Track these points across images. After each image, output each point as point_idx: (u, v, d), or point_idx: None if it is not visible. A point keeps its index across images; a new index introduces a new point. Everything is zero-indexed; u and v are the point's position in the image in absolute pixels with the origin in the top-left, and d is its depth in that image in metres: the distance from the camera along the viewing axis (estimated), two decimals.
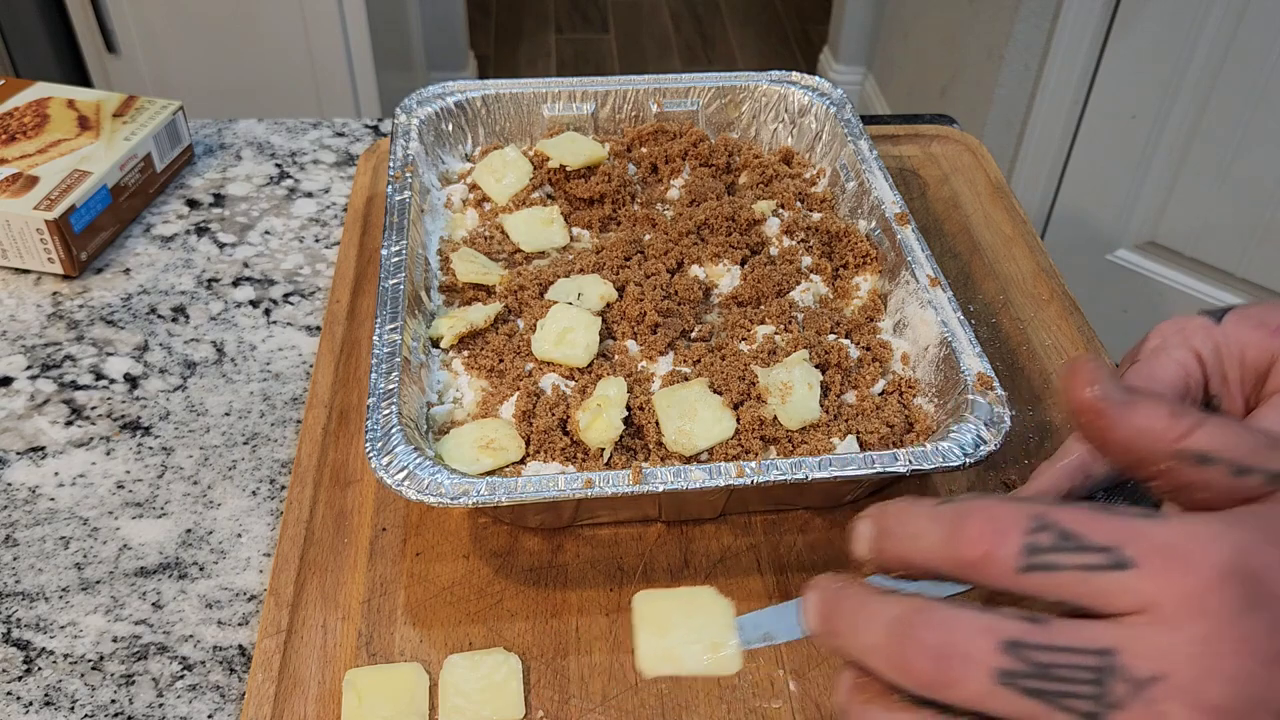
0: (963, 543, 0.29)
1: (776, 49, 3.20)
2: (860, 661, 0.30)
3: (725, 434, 0.56)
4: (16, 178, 0.75)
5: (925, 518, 0.31)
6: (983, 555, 0.29)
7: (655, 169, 0.77)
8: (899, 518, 0.32)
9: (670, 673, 0.38)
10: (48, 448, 0.64)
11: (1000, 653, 0.27)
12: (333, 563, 0.56)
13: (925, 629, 0.28)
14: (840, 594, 0.31)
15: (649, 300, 0.63)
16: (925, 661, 0.28)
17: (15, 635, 0.55)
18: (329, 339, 0.69)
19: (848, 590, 0.31)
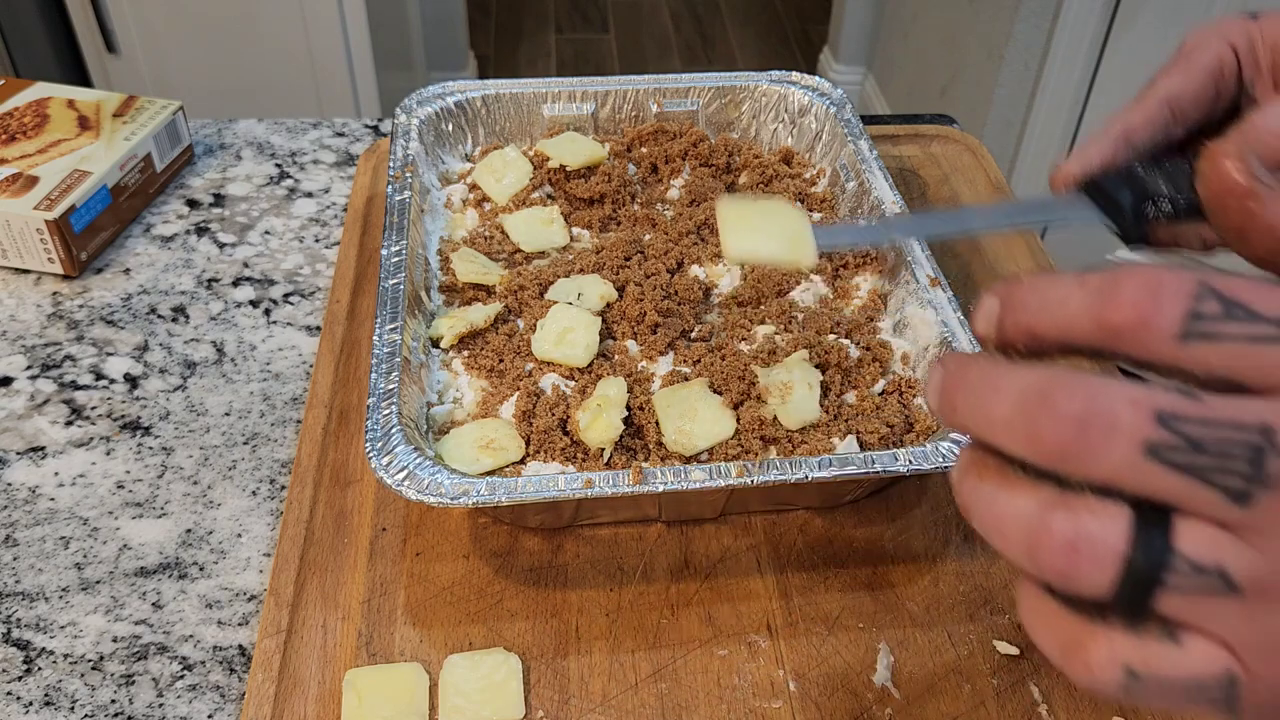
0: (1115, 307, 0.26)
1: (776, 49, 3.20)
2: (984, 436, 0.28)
3: (725, 434, 0.56)
4: (16, 178, 0.75)
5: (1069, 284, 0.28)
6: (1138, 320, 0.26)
7: (655, 169, 0.77)
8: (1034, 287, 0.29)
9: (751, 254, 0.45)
10: (48, 448, 0.64)
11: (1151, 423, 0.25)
12: (333, 563, 0.56)
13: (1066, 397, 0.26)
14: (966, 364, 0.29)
15: (649, 300, 0.63)
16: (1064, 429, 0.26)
17: (15, 635, 0.55)
18: (329, 339, 0.69)
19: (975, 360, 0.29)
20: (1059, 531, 0.26)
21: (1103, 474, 0.26)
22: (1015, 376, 0.27)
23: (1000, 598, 0.56)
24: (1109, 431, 0.25)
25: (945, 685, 0.52)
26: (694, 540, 0.58)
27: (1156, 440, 0.25)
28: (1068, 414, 0.26)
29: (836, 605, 0.55)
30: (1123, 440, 0.25)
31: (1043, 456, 0.27)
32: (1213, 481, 0.25)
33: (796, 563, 0.57)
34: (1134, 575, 0.26)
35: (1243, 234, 0.31)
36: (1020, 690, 0.52)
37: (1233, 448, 0.25)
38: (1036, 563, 0.27)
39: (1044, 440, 0.26)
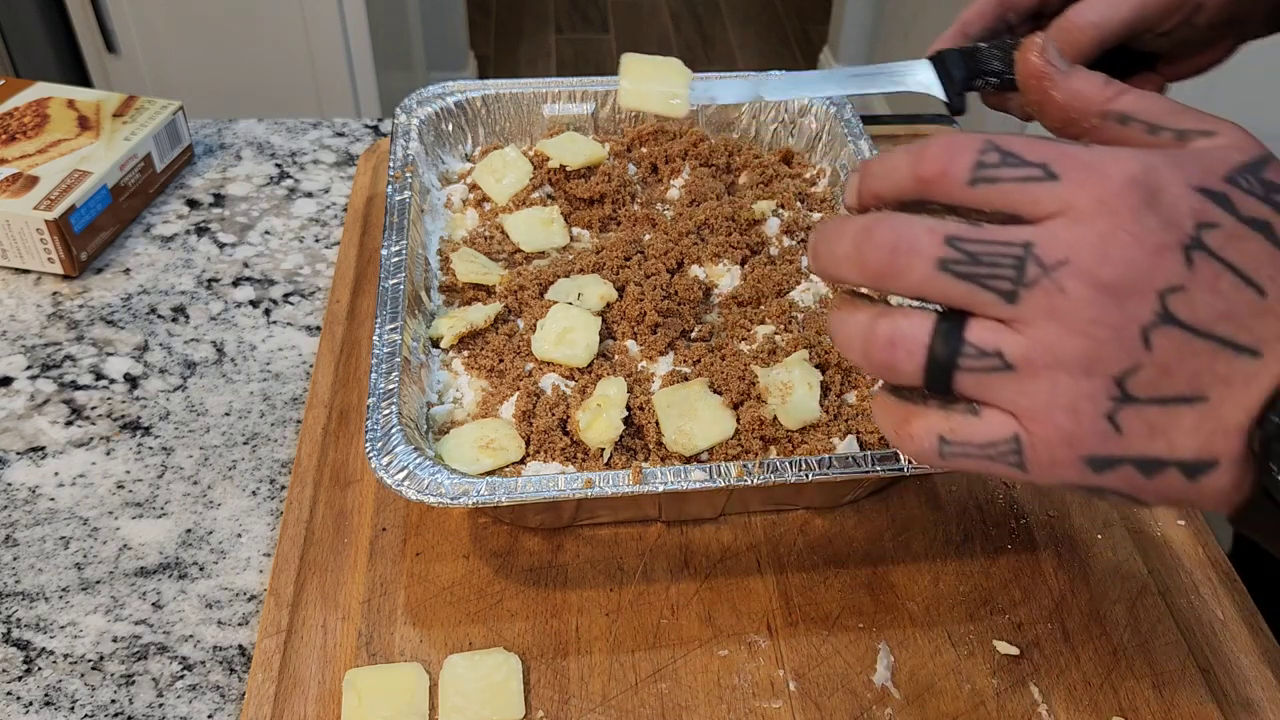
0: (923, 163, 0.35)
1: (776, 49, 3.20)
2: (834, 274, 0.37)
3: (725, 434, 0.56)
4: (16, 178, 0.75)
5: (897, 153, 0.37)
6: (940, 172, 0.35)
7: (655, 169, 0.77)
8: (879, 160, 0.38)
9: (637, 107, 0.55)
10: (48, 448, 0.64)
11: (941, 244, 0.34)
12: (333, 563, 0.56)
13: (882, 231, 0.35)
14: (824, 223, 0.38)
15: (649, 300, 0.63)
16: (881, 254, 0.35)
17: (15, 635, 0.55)
18: (329, 339, 0.69)
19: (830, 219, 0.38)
20: (882, 332, 0.36)
21: (911, 286, 0.34)
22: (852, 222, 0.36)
23: (1000, 598, 0.56)
24: (912, 253, 0.34)
25: (945, 685, 0.52)
26: (694, 540, 0.58)
27: (946, 257, 0.34)
28: (883, 242, 0.35)
29: (836, 605, 0.55)
30: (922, 259, 0.34)
31: (869, 278, 0.35)
32: (988, 286, 0.33)
33: (796, 563, 0.57)
34: (936, 361, 0.35)
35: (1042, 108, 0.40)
36: (1020, 690, 0.52)
37: (1002, 259, 0.33)
38: (869, 359, 0.36)
39: (868, 264, 0.35)
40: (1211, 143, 0.36)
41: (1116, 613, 0.56)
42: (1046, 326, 0.33)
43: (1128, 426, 0.34)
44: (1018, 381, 0.34)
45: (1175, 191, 0.33)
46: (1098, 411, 0.33)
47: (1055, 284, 0.33)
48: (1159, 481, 0.35)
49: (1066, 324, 0.33)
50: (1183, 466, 0.34)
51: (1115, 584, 0.57)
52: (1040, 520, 0.60)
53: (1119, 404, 0.33)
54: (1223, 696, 0.52)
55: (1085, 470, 0.35)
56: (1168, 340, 0.33)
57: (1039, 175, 0.34)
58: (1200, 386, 0.33)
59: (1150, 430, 0.34)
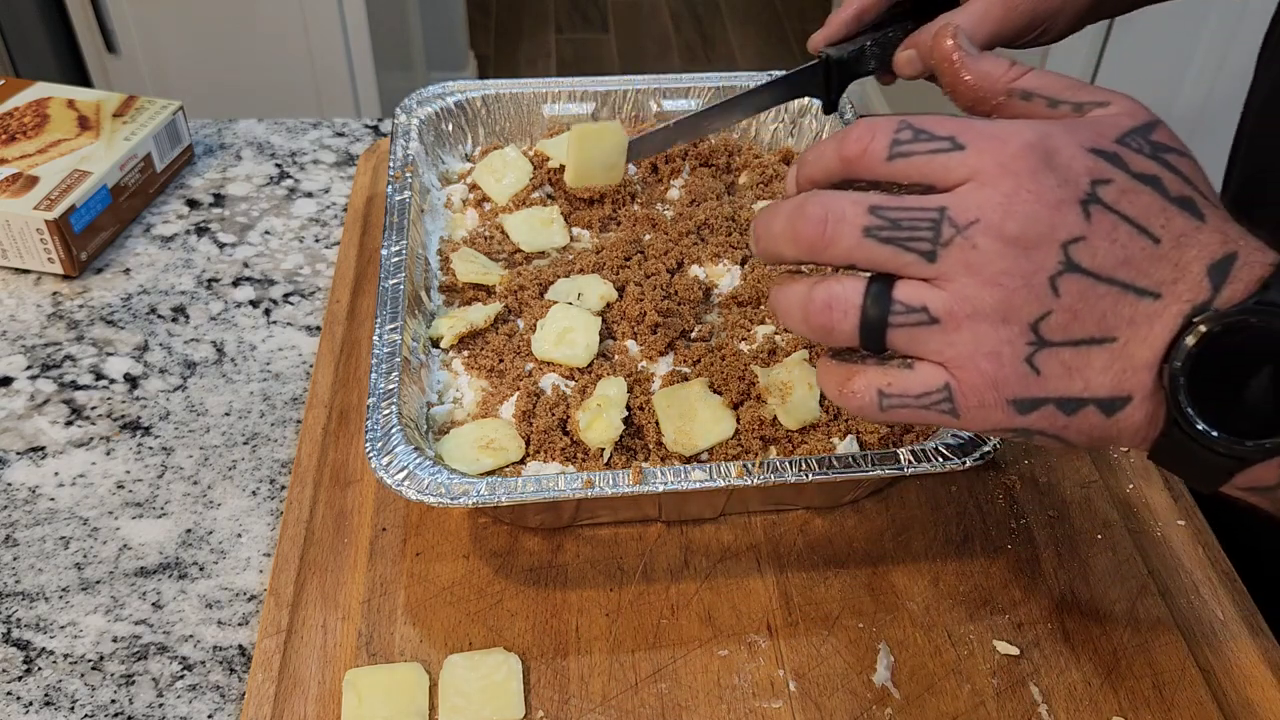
0: (847, 145, 0.39)
1: (776, 49, 3.20)
2: (773, 251, 0.40)
3: (725, 434, 0.56)
4: (16, 178, 0.75)
5: (826, 140, 0.40)
6: (861, 151, 0.39)
7: (655, 169, 0.77)
8: (813, 149, 0.41)
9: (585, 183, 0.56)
10: (48, 448, 0.64)
11: (866, 213, 0.37)
12: (333, 563, 0.56)
13: (812, 205, 0.38)
14: (763, 209, 0.41)
15: (649, 300, 0.63)
16: (812, 226, 0.38)
17: (15, 635, 0.55)
18: (329, 339, 0.69)
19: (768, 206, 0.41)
20: (819, 297, 0.39)
21: (841, 254, 0.38)
22: (787, 202, 0.40)
23: (1000, 598, 0.56)
24: (840, 222, 0.38)
25: (945, 685, 0.52)
26: (694, 540, 0.58)
27: (870, 224, 0.37)
28: (813, 215, 0.38)
29: (836, 605, 0.55)
30: (849, 226, 0.38)
31: (803, 250, 0.39)
32: (910, 248, 0.37)
33: (796, 563, 0.57)
34: (869, 319, 0.38)
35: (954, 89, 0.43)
36: (1020, 690, 0.52)
37: (920, 223, 0.37)
38: (809, 323, 0.39)
39: (801, 237, 0.39)
40: (1105, 111, 0.40)
41: (1116, 613, 0.56)
42: (964, 281, 0.37)
43: (1046, 368, 0.37)
44: (943, 333, 0.37)
45: (1070, 153, 0.37)
46: (1017, 356, 0.37)
47: (968, 241, 0.36)
48: (1080, 420, 0.38)
49: (981, 277, 0.36)
50: (1100, 403, 0.37)
51: (1115, 584, 0.57)
52: (1040, 520, 0.60)
53: (1036, 348, 0.37)
54: (1223, 696, 0.52)
55: (1011, 412, 0.38)
56: (1073, 286, 0.36)
57: (948, 146, 0.37)
58: (1108, 328, 0.37)
59: (1067, 371, 0.37)
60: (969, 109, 0.44)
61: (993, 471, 0.63)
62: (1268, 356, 0.35)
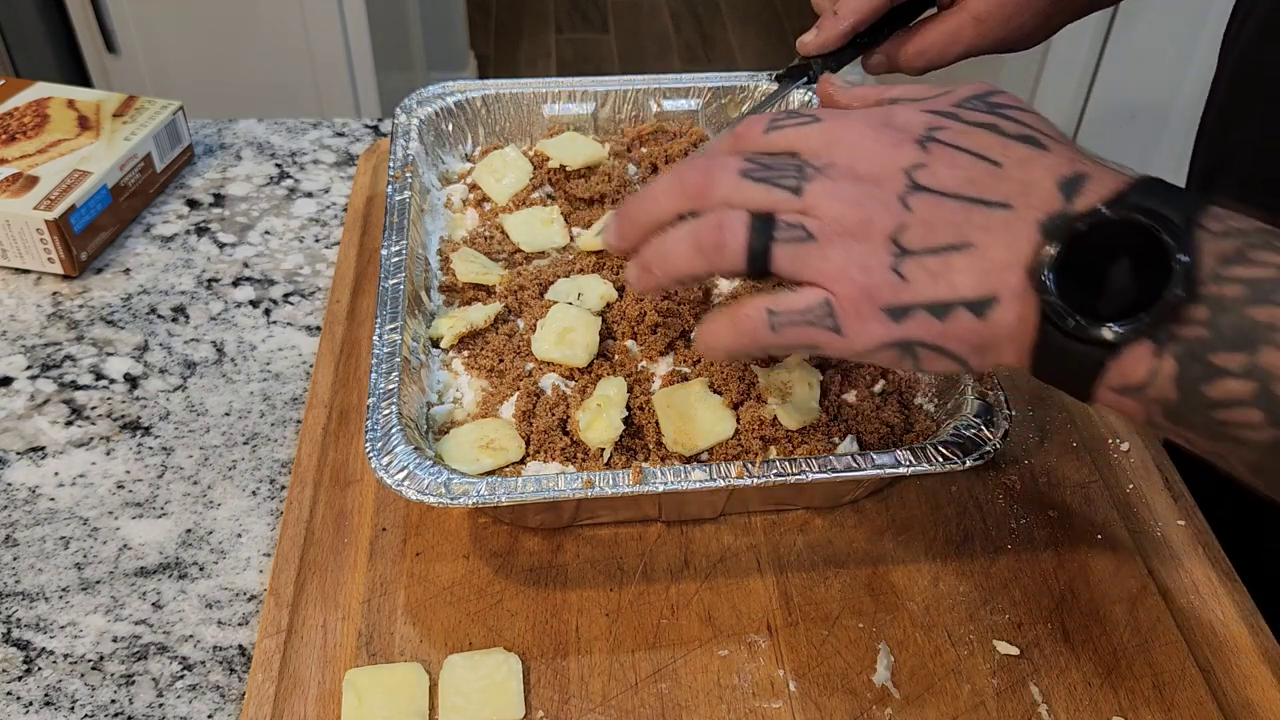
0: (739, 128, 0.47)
1: (776, 49, 3.20)
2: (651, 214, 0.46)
3: (725, 434, 0.56)
4: (16, 178, 0.75)
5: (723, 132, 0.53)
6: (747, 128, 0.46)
7: (655, 169, 0.77)
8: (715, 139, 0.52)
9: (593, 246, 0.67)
10: (48, 448, 0.64)
11: (741, 161, 0.44)
12: (333, 563, 0.56)
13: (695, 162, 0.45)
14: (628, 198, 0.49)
15: (649, 300, 0.63)
16: (696, 175, 0.44)
17: (15, 635, 0.55)
18: (329, 339, 0.69)
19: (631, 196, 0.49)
20: (708, 221, 0.43)
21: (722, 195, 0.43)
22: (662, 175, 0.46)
23: (1000, 598, 0.56)
24: (722, 170, 0.44)
25: (945, 685, 0.52)
26: (694, 540, 0.58)
27: (745, 169, 0.44)
28: (697, 166, 0.45)
29: (836, 605, 0.55)
30: (728, 172, 0.44)
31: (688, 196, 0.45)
32: (780, 184, 0.43)
33: (796, 563, 0.57)
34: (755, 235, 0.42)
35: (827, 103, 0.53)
36: (1020, 690, 0.52)
37: (785, 165, 0.43)
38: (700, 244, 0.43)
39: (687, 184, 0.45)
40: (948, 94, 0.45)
41: (1116, 613, 0.56)
42: (829, 204, 0.42)
43: (912, 275, 0.41)
44: (819, 250, 0.42)
45: (907, 114, 0.44)
46: (884, 265, 0.41)
47: (827, 177, 0.42)
48: (953, 324, 0.41)
49: (842, 200, 0.42)
50: (968, 305, 0.40)
51: (1115, 584, 0.57)
52: (1040, 520, 0.60)
53: (899, 258, 0.41)
54: (1223, 696, 0.52)
55: (887, 321, 0.41)
56: (923, 202, 0.41)
57: (809, 120, 0.45)
58: (963, 236, 0.40)
59: (931, 276, 0.41)
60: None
61: (993, 471, 0.63)
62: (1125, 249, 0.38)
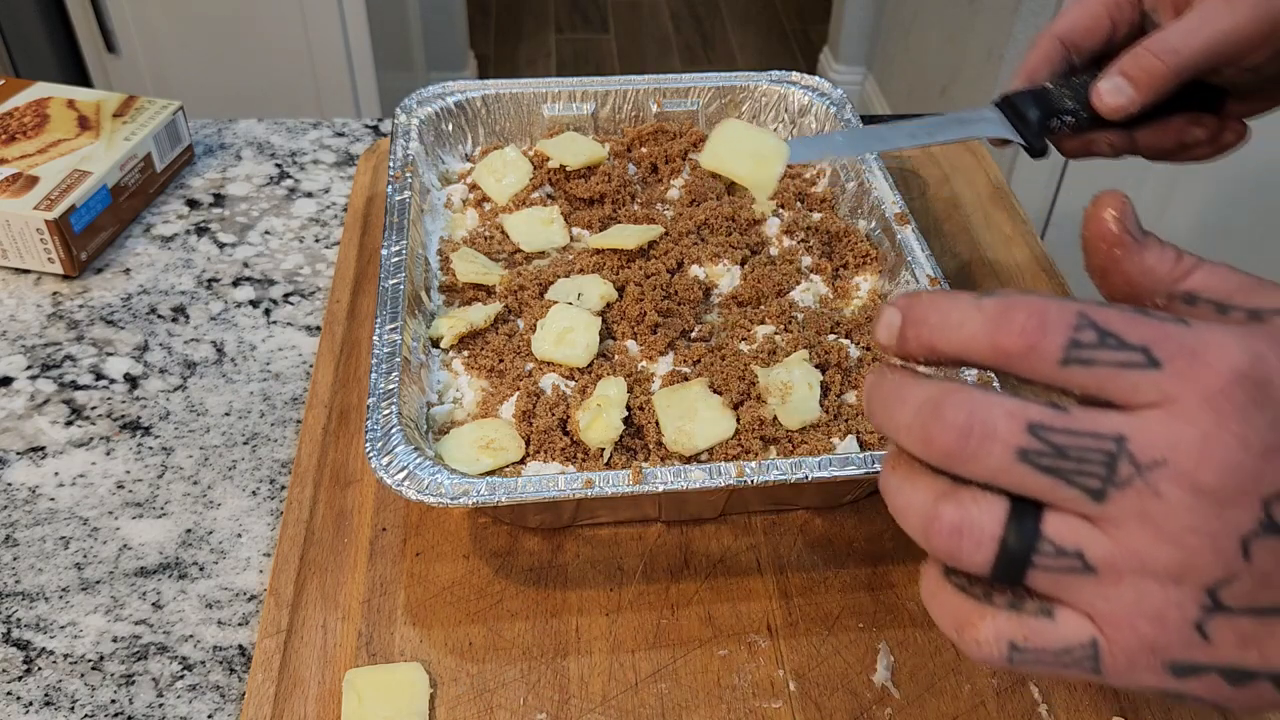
0: (1008, 333, 0.31)
1: (776, 49, 3.20)
2: (893, 438, 0.34)
3: (725, 434, 0.56)
4: (16, 178, 0.75)
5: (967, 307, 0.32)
6: (1027, 347, 0.31)
7: (655, 169, 0.77)
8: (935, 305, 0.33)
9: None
10: (48, 448, 0.64)
11: (1023, 432, 0.30)
12: (333, 563, 0.56)
13: (953, 408, 0.31)
14: (883, 374, 0.34)
15: (649, 300, 0.63)
16: (951, 436, 0.31)
17: (15, 635, 0.55)
18: (329, 339, 0.69)
19: (889, 372, 0.34)
20: (947, 518, 0.32)
21: (983, 473, 0.31)
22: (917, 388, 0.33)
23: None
24: (987, 439, 0.30)
25: (945, 685, 0.52)
26: (694, 540, 0.58)
27: (1027, 447, 0.30)
28: (953, 423, 0.31)
29: (836, 605, 0.55)
30: (999, 446, 0.30)
31: (934, 457, 0.32)
32: (1074, 482, 0.30)
33: (796, 563, 0.57)
34: (1008, 554, 0.31)
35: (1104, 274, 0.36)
36: (1020, 690, 0.52)
37: (1091, 454, 0.30)
38: (930, 543, 0.32)
39: (934, 444, 0.32)
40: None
41: None
42: (1136, 531, 0.30)
43: (1217, 636, 0.31)
44: (1099, 585, 0.31)
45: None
46: (1185, 620, 0.31)
47: (1150, 486, 0.30)
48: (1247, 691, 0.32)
49: (1159, 530, 0.30)
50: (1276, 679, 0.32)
51: None
52: None
53: (1209, 613, 0.31)
54: None
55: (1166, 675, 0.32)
56: (1269, 551, 0.30)
57: (1140, 361, 0.30)
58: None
59: (1242, 641, 0.31)
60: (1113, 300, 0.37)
61: None
62: None
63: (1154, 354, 0.30)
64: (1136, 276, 0.36)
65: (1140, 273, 0.35)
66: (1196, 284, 0.35)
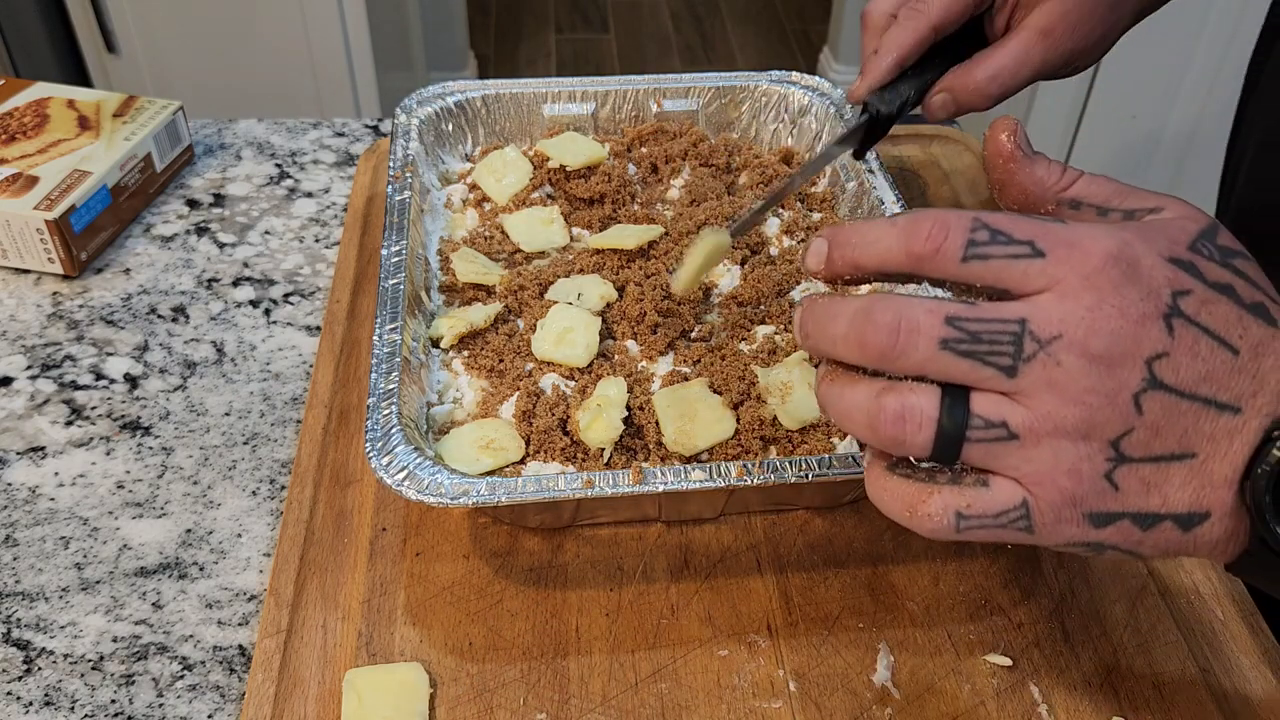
0: (917, 240, 0.37)
1: (776, 49, 3.20)
2: (829, 352, 0.38)
3: (725, 434, 0.56)
4: (16, 178, 0.75)
5: (882, 225, 0.38)
6: (934, 250, 0.36)
7: (655, 169, 0.77)
8: (856, 229, 0.39)
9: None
10: (48, 448, 0.64)
11: (942, 324, 0.35)
12: (333, 563, 0.56)
13: (881, 312, 0.36)
14: (813, 301, 0.39)
15: (649, 300, 0.63)
16: (882, 335, 0.36)
17: (15, 635, 0.55)
18: (329, 339, 0.69)
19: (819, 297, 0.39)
20: (890, 407, 0.36)
21: (914, 365, 0.36)
22: (848, 303, 0.37)
23: (1000, 598, 0.56)
24: (913, 333, 0.35)
25: (945, 685, 0.52)
26: (694, 540, 0.58)
27: (947, 336, 0.35)
28: (884, 323, 0.36)
29: (836, 605, 0.55)
30: (924, 339, 0.35)
31: (869, 358, 0.37)
32: (989, 362, 0.35)
33: (796, 563, 0.57)
34: (945, 434, 0.36)
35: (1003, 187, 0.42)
36: (1020, 690, 0.52)
37: (1000, 336, 0.35)
38: (876, 434, 0.37)
39: (869, 345, 0.36)
40: (1165, 217, 0.39)
41: (1116, 613, 0.56)
42: (1046, 397, 0.35)
43: (1125, 484, 0.36)
44: (1022, 449, 0.36)
45: (1149, 263, 0.36)
46: (1097, 472, 0.36)
47: (1051, 357, 0.35)
48: (1155, 534, 0.37)
49: (1064, 394, 0.35)
50: (1177, 519, 0.37)
51: (1115, 584, 0.57)
52: None
53: (1116, 464, 0.36)
54: (1222, 696, 0.52)
55: (1086, 526, 0.37)
56: (1156, 404, 0.35)
57: (1027, 252, 0.36)
58: (1188, 444, 0.36)
59: (1145, 487, 0.36)
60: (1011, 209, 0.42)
61: None
62: None
63: (1038, 246, 0.36)
64: (1029, 187, 0.41)
65: (1032, 183, 0.41)
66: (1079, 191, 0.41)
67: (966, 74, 0.62)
